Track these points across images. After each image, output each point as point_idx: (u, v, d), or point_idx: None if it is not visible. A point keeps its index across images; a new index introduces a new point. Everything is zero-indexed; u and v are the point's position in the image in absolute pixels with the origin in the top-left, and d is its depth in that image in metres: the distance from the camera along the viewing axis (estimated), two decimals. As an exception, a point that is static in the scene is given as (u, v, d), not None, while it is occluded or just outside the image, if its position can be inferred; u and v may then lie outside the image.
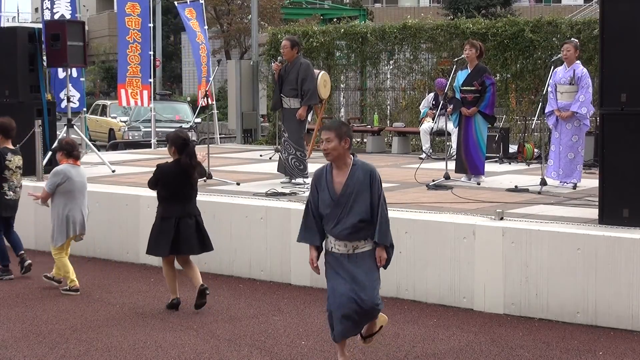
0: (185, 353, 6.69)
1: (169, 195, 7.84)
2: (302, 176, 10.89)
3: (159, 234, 7.84)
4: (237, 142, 18.82)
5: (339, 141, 5.87)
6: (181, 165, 7.79)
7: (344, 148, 5.88)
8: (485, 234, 7.87)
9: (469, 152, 11.17)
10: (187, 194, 7.90)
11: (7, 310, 7.99)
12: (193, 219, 7.90)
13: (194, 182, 7.95)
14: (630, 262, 7.20)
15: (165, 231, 7.78)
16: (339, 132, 5.88)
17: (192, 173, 7.85)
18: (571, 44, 10.60)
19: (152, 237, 7.92)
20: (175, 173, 7.81)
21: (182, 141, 7.86)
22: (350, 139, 5.94)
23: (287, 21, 32.85)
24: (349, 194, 5.89)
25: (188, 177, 7.85)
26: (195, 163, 7.88)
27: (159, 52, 32.27)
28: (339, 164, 5.95)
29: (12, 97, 12.14)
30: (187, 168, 7.79)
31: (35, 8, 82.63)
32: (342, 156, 5.91)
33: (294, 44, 10.89)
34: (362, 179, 5.89)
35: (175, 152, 7.85)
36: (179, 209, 7.81)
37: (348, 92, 18.73)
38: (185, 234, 7.81)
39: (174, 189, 7.82)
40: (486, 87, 11.12)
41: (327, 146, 5.88)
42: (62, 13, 15.36)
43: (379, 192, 5.91)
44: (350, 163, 5.94)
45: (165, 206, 7.85)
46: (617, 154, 7.80)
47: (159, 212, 7.89)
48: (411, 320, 7.61)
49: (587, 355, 6.65)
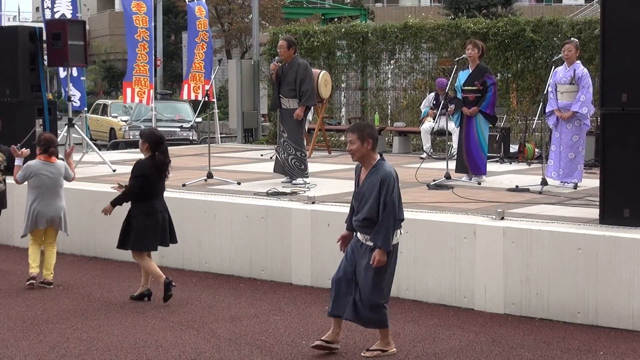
0: (185, 352, 6.69)
1: (148, 192, 8.08)
2: (303, 176, 10.89)
3: (147, 230, 8.05)
4: (237, 141, 18.83)
5: (362, 143, 6.25)
6: (156, 162, 8.03)
7: (366, 149, 6.27)
8: (486, 234, 7.87)
9: (470, 151, 11.16)
10: (161, 190, 8.23)
11: (8, 310, 7.99)
12: (166, 214, 8.26)
13: (164, 180, 8.27)
14: (631, 262, 7.20)
15: (152, 227, 8.05)
16: (362, 134, 6.26)
17: (165, 170, 8.12)
18: (572, 43, 10.60)
19: (139, 234, 8.06)
20: (151, 170, 8.06)
21: (157, 139, 8.11)
22: (373, 139, 6.28)
23: (288, 21, 32.84)
24: (364, 191, 6.30)
25: (161, 173, 8.12)
26: (169, 160, 8.14)
27: (159, 51, 32.24)
28: (365, 164, 6.36)
29: (12, 96, 12.13)
30: (161, 165, 8.05)
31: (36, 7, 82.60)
32: (366, 156, 6.31)
33: (291, 43, 10.87)
34: (374, 182, 6.24)
35: (149, 149, 8.08)
36: (158, 204, 8.15)
37: (349, 91, 18.73)
38: (164, 228, 8.19)
39: (152, 185, 8.10)
40: (487, 86, 11.11)
41: (351, 147, 6.31)
42: (63, 12, 15.34)
43: (386, 198, 6.16)
44: (373, 164, 6.30)
45: (147, 203, 8.09)
46: (618, 154, 7.80)
47: (140, 209, 8.08)
48: (412, 319, 7.61)
49: (587, 355, 6.65)
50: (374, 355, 6.51)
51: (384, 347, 6.55)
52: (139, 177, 8.07)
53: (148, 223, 8.05)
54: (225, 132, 24.93)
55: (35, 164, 8.78)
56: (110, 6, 65.42)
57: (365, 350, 6.57)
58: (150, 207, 8.09)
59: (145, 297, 8.28)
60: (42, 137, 8.90)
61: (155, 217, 8.08)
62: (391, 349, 6.56)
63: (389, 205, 6.15)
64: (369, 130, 6.32)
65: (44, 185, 8.75)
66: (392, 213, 6.18)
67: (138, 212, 8.10)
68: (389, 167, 6.29)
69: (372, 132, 6.31)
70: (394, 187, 6.21)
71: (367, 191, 6.26)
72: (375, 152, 6.34)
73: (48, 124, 12.26)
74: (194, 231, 9.64)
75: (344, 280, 6.43)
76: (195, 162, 14.09)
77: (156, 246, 8.22)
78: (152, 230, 8.07)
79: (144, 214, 8.07)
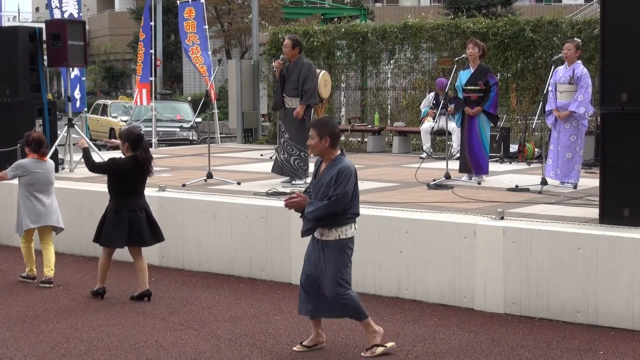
0: (185, 352, 6.69)
1: (124, 190, 8.18)
2: (305, 176, 10.87)
3: (114, 227, 8.17)
4: (237, 141, 18.83)
5: (320, 139, 6.37)
6: (138, 160, 8.11)
7: (324, 145, 6.37)
8: (486, 234, 7.87)
9: (473, 151, 11.15)
10: (139, 189, 8.29)
11: (8, 310, 7.99)
12: (144, 213, 8.28)
13: (147, 177, 8.32)
14: (631, 262, 7.20)
15: (119, 224, 8.15)
16: (321, 130, 6.38)
17: (148, 167, 8.19)
18: (572, 43, 10.60)
19: (106, 229, 8.21)
20: (132, 168, 8.13)
21: (136, 137, 8.18)
22: (331, 136, 6.36)
23: (288, 21, 32.85)
24: (320, 184, 6.38)
25: (144, 171, 8.19)
26: (151, 157, 8.21)
27: (159, 51, 32.25)
28: (324, 158, 6.46)
29: (12, 96, 12.13)
30: (144, 162, 8.12)
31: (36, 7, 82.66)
32: (324, 152, 6.41)
33: (296, 43, 10.88)
34: (332, 174, 6.31)
35: (129, 149, 8.15)
36: (132, 202, 8.19)
37: (349, 91, 18.73)
38: (138, 227, 8.20)
39: (129, 184, 8.18)
40: (490, 86, 11.12)
41: (310, 142, 6.45)
42: (71, 12, 15.43)
43: (339, 191, 6.22)
44: (333, 158, 6.40)
45: (119, 200, 8.18)
46: (618, 154, 7.79)
47: (112, 205, 8.21)
48: (412, 319, 7.61)
49: (587, 354, 6.65)
50: (374, 355, 6.51)
51: (374, 339, 6.50)
52: (98, 167, 8.33)
53: (117, 220, 8.16)
54: (225, 132, 24.93)
55: (28, 162, 8.87)
56: (110, 6, 65.45)
57: (365, 350, 6.57)
58: (123, 204, 8.17)
59: (145, 297, 8.29)
60: (32, 138, 8.96)
61: (124, 215, 8.15)
62: (380, 335, 6.50)
63: (341, 195, 6.21)
64: (328, 127, 6.39)
65: (38, 182, 8.85)
66: (341, 202, 6.23)
67: (111, 208, 8.25)
68: (347, 162, 6.38)
69: (331, 129, 6.38)
70: (350, 180, 6.27)
71: (325, 183, 6.32)
72: (335, 149, 6.41)
73: (48, 124, 12.26)
74: (194, 231, 9.64)
75: (310, 281, 6.53)
76: (195, 162, 14.10)
77: (123, 244, 8.24)
78: (120, 227, 8.14)
79: (115, 211, 8.19)
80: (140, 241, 8.28)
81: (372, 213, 8.53)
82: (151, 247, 9.92)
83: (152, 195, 10.04)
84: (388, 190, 10.48)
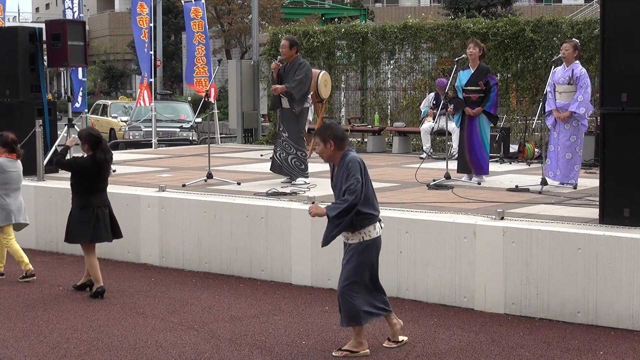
0: (186, 353, 6.69)
1: (86, 188, 8.47)
2: (303, 176, 10.88)
3: (81, 223, 8.45)
4: (237, 141, 18.82)
5: (325, 145, 6.46)
6: (97, 160, 8.38)
7: (330, 149, 6.46)
8: (486, 234, 7.87)
9: (474, 151, 11.14)
10: (101, 187, 8.57)
11: (8, 310, 8.00)
12: (107, 209, 8.60)
13: (107, 175, 8.63)
14: (631, 262, 7.20)
15: (86, 220, 8.43)
16: (323, 136, 6.46)
17: (107, 167, 8.51)
18: (570, 43, 10.58)
19: (73, 226, 8.51)
20: (92, 168, 8.43)
21: (95, 138, 8.48)
22: (335, 139, 6.41)
23: (288, 21, 32.86)
24: (335, 185, 6.51)
25: (102, 170, 8.48)
26: (110, 158, 8.54)
27: (159, 51, 32.27)
28: (334, 161, 6.54)
29: (12, 96, 12.13)
30: (102, 163, 8.42)
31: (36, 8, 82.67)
32: (332, 156, 6.50)
33: (293, 43, 10.87)
34: (343, 169, 6.40)
35: (89, 149, 8.44)
36: (95, 199, 8.48)
37: (349, 91, 18.73)
38: (103, 223, 8.52)
39: (90, 182, 8.47)
40: (491, 86, 11.12)
41: (317, 150, 6.56)
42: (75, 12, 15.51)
43: (350, 182, 6.26)
44: (341, 159, 6.46)
45: (83, 197, 8.48)
46: (618, 154, 7.79)
47: (76, 203, 8.51)
48: (412, 319, 7.61)
49: (587, 354, 6.65)
50: (343, 355, 6.51)
51: (355, 347, 6.53)
52: (64, 163, 8.65)
53: (82, 217, 8.43)
54: (225, 132, 24.92)
55: (4, 162, 9.09)
56: (110, 6, 65.48)
57: (336, 350, 6.58)
58: (86, 202, 8.43)
59: (87, 287, 8.58)
60: (11, 139, 9.18)
61: (89, 212, 8.41)
62: (363, 350, 6.55)
63: (354, 183, 6.24)
64: (329, 132, 6.46)
65: (12, 181, 9.16)
66: (355, 191, 6.24)
67: (75, 206, 8.52)
68: (353, 154, 6.45)
69: (333, 133, 6.44)
70: (359, 168, 6.31)
71: (339, 183, 6.40)
72: (341, 150, 6.46)
73: (48, 124, 12.26)
74: (194, 231, 9.64)
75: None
76: (195, 162, 14.09)
77: (88, 239, 8.48)
78: (86, 224, 8.41)
79: (79, 208, 8.47)
80: (106, 237, 8.58)
81: (372, 213, 8.53)
82: (151, 247, 9.96)
83: (152, 195, 10.06)
84: (388, 190, 10.48)
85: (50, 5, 76.90)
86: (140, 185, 10.90)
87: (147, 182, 11.26)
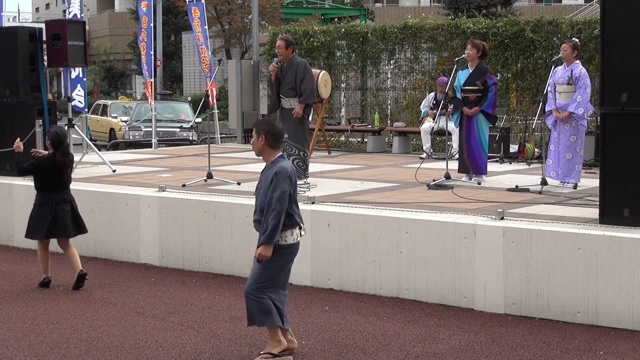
0: (186, 353, 6.69)
1: (46, 185, 8.67)
2: (304, 176, 10.87)
3: (37, 220, 8.66)
4: (237, 141, 18.82)
5: (257, 137, 6.30)
6: (56, 161, 8.58)
7: (261, 144, 6.29)
8: (486, 234, 7.87)
9: (471, 151, 11.15)
10: (62, 184, 8.73)
11: (8, 310, 7.99)
12: (68, 205, 8.75)
13: (68, 175, 8.79)
14: (631, 262, 7.20)
15: (43, 217, 8.62)
16: (258, 129, 6.32)
17: (65, 168, 8.68)
18: (569, 43, 10.58)
19: (31, 223, 8.75)
20: (51, 166, 8.59)
21: (59, 140, 8.62)
22: (267, 135, 6.25)
23: (288, 21, 32.86)
24: (258, 187, 6.36)
25: (61, 170, 8.64)
26: (69, 161, 8.71)
27: (159, 51, 32.26)
28: (264, 158, 6.37)
29: (12, 96, 12.13)
30: (60, 164, 8.60)
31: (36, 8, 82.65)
32: (262, 152, 6.33)
33: (289, 43, 10.85)
34: (268, 176, 6.25)
35: (51, 147, 8.64)
36: (55, 196, 8.64)
37: (349, 91, 18.72)
38: (62, 219, 8.66)
39: (49, 179, 8.65)
40: (489, 86, 11.12)
41: (251, 140, 6.42)
42: (75, 12, 15.50)
43: (275, 194, 6.12)
44: (271, 160, 6.31)
45: (42, 194, 8.69)
46: (618, 154, 7.79)
47: (37, 199, 8.73)
48: (412, 320, 7.61)
49: (587, 354, 6.65)
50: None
51: (273, 348, 6.38)
52: (24, 169, 8.72)
53: (40, 214, 8.64)
54: (225, 132, 24.92)
55: None
56: (110, 6, 65.47)
57: (261, 353, 6.43)
58: (47, 198, 8.63)
59: (83, 279, 8.71)
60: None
61: (47, 209, 8.60)
62: (282, 347, 6.37)
63: (275, 199, 6.11)
64: (266, 126, 6.30)
65: None
66: (277, 207, 6.12)
67: (36, 203, 8.74)
68: (285, 164, 6.28)
69: (269, 129, 6.29)
70: (287, 180, 6.15)
71: (263, 185, 6.28)
72: (273, 149, 6.29)
73: (48, 124, 12.25)
74: (194, 231, 9.64)
75: None
76: (195, 162, 14.09)
77: (44, 235, 8.65)
78: (43, 220, 8.60)
79: (39, 205, 8.69)
80: (64, 233, 8.70)
81: (372, 213, 8.54)
82: (151, 247, 9.95)
83: (152, 195, 10.05)
84: (388, 190, 10.48)
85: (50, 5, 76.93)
86: (140, 185, 10.90)
87: (147, 182, 11.26)
